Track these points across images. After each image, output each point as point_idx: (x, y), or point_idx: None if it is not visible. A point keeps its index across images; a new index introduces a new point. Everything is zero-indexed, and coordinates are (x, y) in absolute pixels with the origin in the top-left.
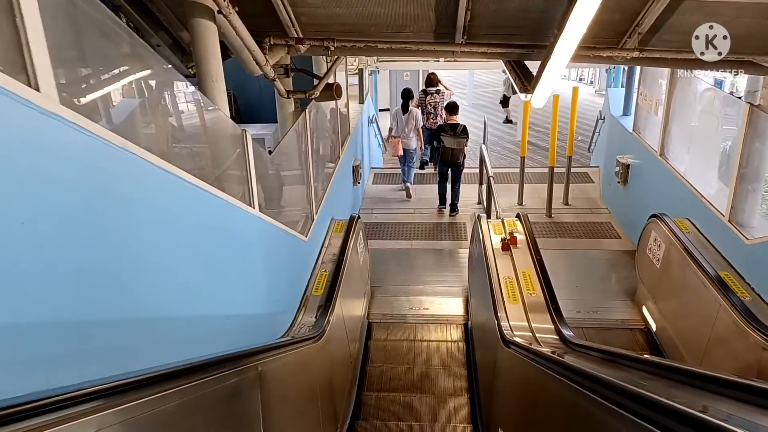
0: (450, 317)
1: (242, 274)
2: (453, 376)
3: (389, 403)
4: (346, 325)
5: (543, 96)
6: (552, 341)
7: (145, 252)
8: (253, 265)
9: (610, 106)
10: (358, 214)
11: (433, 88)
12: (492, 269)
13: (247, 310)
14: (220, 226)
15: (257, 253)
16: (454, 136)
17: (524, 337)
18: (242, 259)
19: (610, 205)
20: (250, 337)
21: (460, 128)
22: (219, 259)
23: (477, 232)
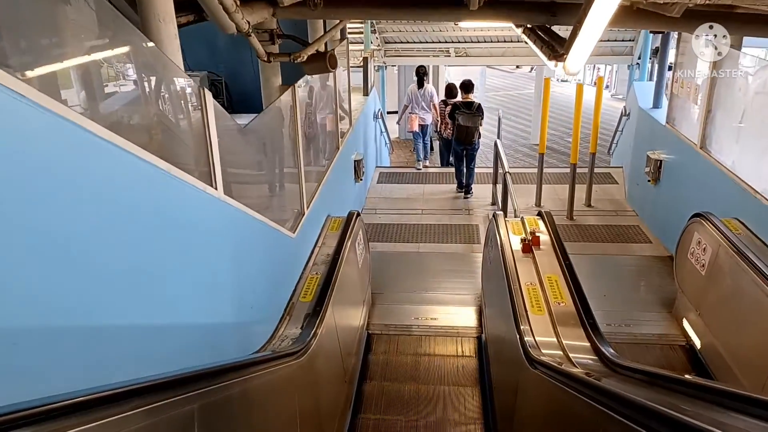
0: (461, 329)
1: (195, 272)
2: (464, 397)
3: (389, 428)
4: (339, 337)
5: (581, 57)
6: (590, 362)
7: (40, 236)
8: (212, 261)
9: (638, 99)
10: (357, 211)
11: (453, 99)
12: (511, 274)
13: (202, 318)
14: (162, 207)
15: (220, 247)
16: (469, 114)
17: (554, 356)
18: (196, 253)
19: (638, 207)
20: (206, 354)
21: (475, 106)
22: (157, 252)
23: (493, 233)
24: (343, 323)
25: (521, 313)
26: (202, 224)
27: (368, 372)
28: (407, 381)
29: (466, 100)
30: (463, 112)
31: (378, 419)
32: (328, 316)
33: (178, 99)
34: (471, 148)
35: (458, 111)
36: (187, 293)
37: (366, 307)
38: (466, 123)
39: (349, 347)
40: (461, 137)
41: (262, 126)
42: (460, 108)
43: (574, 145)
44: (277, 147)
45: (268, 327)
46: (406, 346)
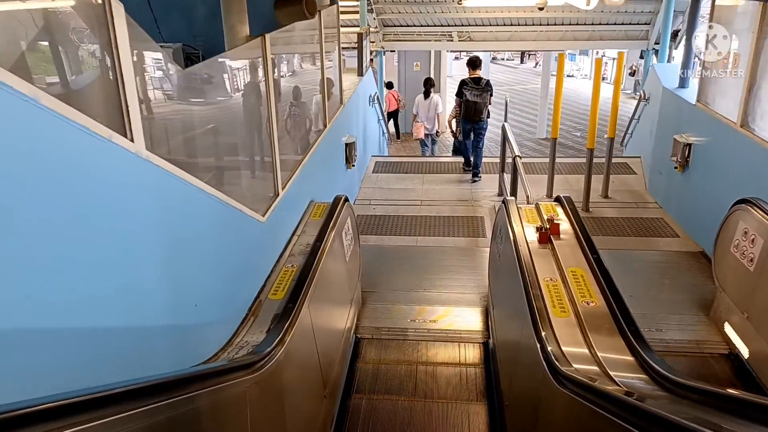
0: (464, 333)
1: (95, 256)
2: (468, 414)
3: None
4: (318, 343)
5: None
6: (636, 380)
7: None
8: (125, 242)
9: (661, 80)
10: (345, 196)
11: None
12: (527, 268)
13: (110, 320)
14: (40, 156)
15: (141, 224)
16: (477, 90)
17: (588, 372)
18: (97, 230)
19: (662, 198)
20: (119, 370)
21: (484, 82)
22: (33, 226)
23: (503, 222)
24: (324, 326)
25: (541, 314)
26: (107, 188)
27: (355, 383)
28: (401, 395)
29: (473, 76)
30: (471, 88)
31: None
32: (303, 316)
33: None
34: (479, 126)
35: (466, 87)
36: (84, 286)
37: (355, 307)
38: (474, 99)
39: (331, 354)
40: (469, 114)
41: (217, 75)
42: (468, 84)
43: (592, 128)
44: (242, 107)
45: (224, 331)
46: (401, 353)
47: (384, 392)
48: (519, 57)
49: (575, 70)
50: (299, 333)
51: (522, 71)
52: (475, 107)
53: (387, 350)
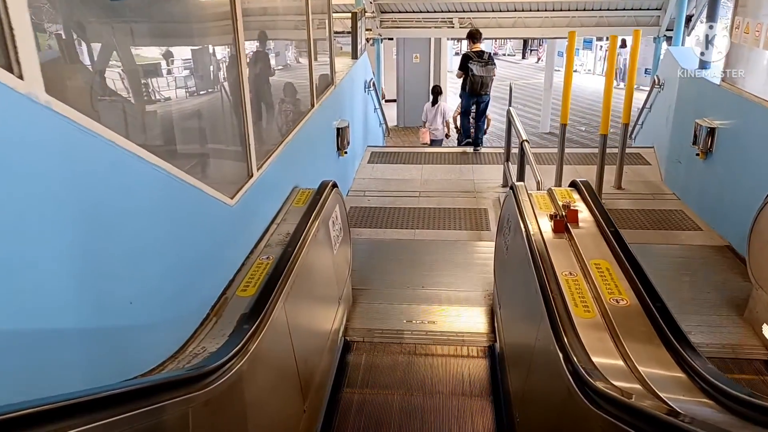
0: (467, 335)
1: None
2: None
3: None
4: (296, 347)
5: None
6: (698, 405)
7: None
8: (17, 214)
9: (679, 62)
10: (333, 181)
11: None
12: (542, 261)
13: None
14: None
15: (41, 192)
16: (482, 64)
17: (632, 391)
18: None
19: (680, 188)
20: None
21: (486, 55)
22: None
23: (511, 210)
24: (305, 327)
25: (561, 315)
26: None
27: (341, 395)
28: (395, 408)
29: (476, 50)
30: (476, 62)
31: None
32: (277, 316)
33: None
34: (482, 100)
35: (471, 61)
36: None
37: (344, 305)
38: (480, 73)
39: (313, 360)
40: (475, 88)
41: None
42: (472, 58)
43: (606, 111)
44: (206, 60)
45: (174, 335)
46: (396, 358)
47: (374, 406)
48: (521, 52)
49: (578, 65)
50: (271, 336)
51: (524, 67)
52: (481, 81)
53: (379, 355)
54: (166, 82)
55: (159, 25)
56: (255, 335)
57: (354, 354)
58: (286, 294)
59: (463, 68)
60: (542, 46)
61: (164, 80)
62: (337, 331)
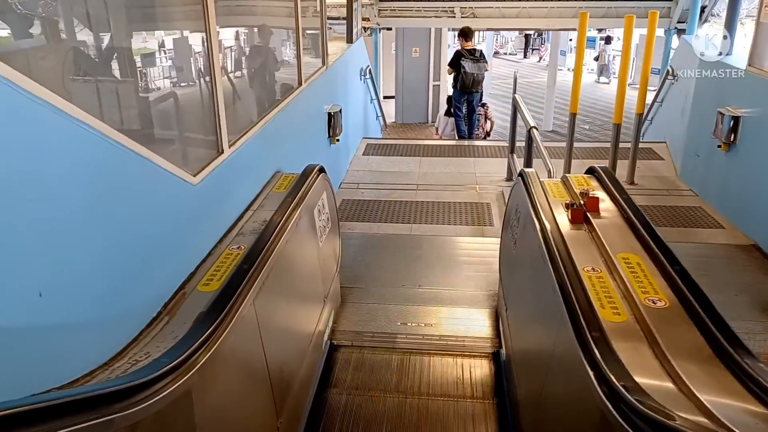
0: (468, 340)
1: None
2: None
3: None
4: (268, 353)
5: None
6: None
7: None
8: None
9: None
10: (320, 165)
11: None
12: (560, 255)
13: None
14: None
15: None
16: (474, 61)
17: (698, 425)
18: None
19: (698, 184)
20: None
21: (478, 52)
22: None
23: (520, 200)
24: (281, 328)
25: (586, 318)
26: None
27: (325, 405)
28: (384, 422)
29: (468, 48)
30: (468, 59)
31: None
32: (244, 316)
33: None
34: (472, 97)
35: (464, 59)
36: None
37: (330, 305)
38: (473, 70)
39: (291, 367)
40: (467, 85)
41: None
42: (464, 56)
43: (620, 98)
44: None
45: (111, 337)
46: (388, 366)
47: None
48: (522, 52)
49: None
50: (236, 339)
51: (525, 66)
52: (473, 78)
53: (369, 363)
54: (118, 29)
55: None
56: (212, 338)
57: (341, 361)
58: (257, 289)
59: (455, 65)
60: (544, 45)
61: (116, 27)
62: (322, 333)
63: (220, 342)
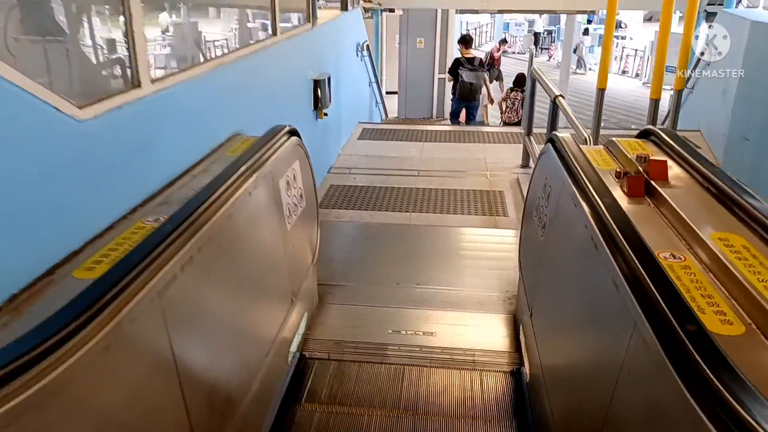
0: (480, 354)
1: None
2: None
3: None
4: (185, 377)
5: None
6: None
7: None
8: None
9: (744, 15)
10: (292, 128)
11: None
12: (622, 237)
13: None
14: None
15: None
16: (472, 70)
17: None
18: None
19: (746, 173)
20: None
21: (477, 61)
22: None
23: (551, 172)
24: (213, 338)
25: (679, 320)
26: None
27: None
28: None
29: (468, 56)
30: (466, 68)
31: None
32: (139, 317)
33: None
34: (471, 105)
35: (462, 67)
36: None
37: (301, 306)
38: (470, 79)
39: (228, 396)
40: (465, 93)
41: None
42: (463, 64)
43: (659, 70)
44: None
45: None
46: (376, 386)
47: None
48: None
49: (593, 64)
50: (118, 351)
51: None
52: (471, 87)
53: (351, 383)
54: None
55: None
56: (61, 350)
57: (312, 381)
58: (167, 279)
59: (453, 73)
60: (554, 44)
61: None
62: (288, 342)
63: (82, 355)
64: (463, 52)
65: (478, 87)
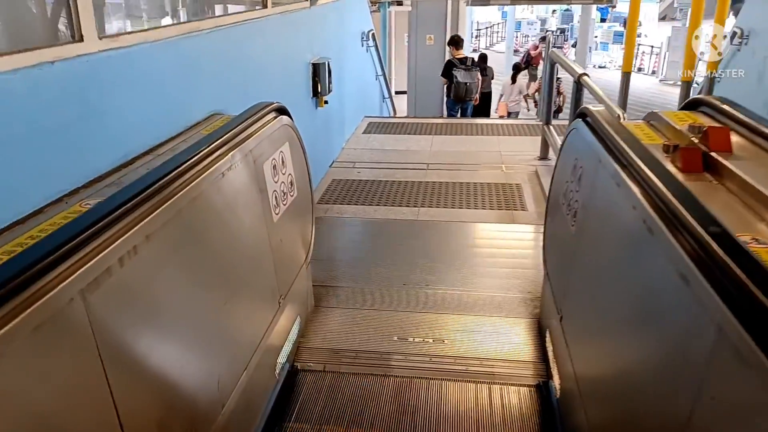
0: (499, 365)
1: None
2: None
3: None
4: (120, 397)
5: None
6: None
7: None
8: None
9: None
10: (280, 104)
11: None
12: (690, 217)
13: None
14: None
15: None
16: (466, 69)
17: None
18: None
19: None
20: None
21: (470, 61)
22: None
23: (583, 152)
24: (170, 346)
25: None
26: None
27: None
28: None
29: (459, 57)
30: (460, 68)
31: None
32: (50, 325)
33: None
34: (467, 105)
35: (455, 68)
36: None
37: (292, 310)
38: (464, 79)
39: (191, 418)
40: (460, 94)
41: None
42: (456, 65)
43: (690, 50)
44: None
45: None
46: (377, 404)
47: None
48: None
49: (608, 62)
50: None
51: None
52: (466, 87)
53: (347, 399)
54: None
55: None
56: None
57: (303, 396)
58: (97, 273)
59: (447, 75)
60: (566, 43)
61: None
62: (276, 350)
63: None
64: (454, 53)
65: (473, 86)
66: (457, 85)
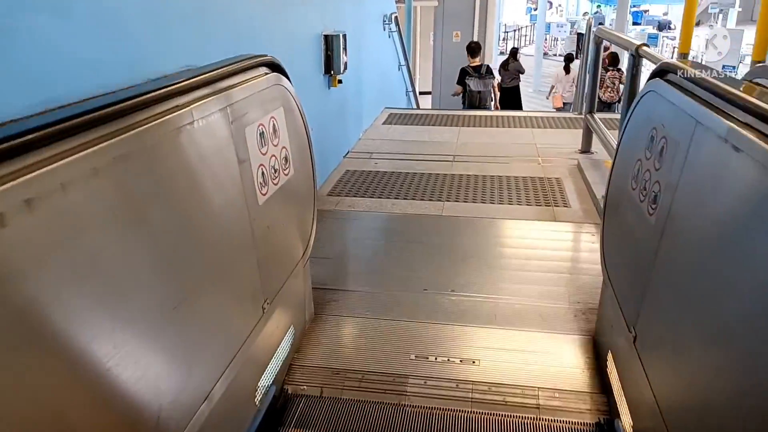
0: (546, 395)
1: None
2: None
3: None
4: None
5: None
6: None
7: None
8: None
9: None
10: (272, 58)
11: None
12: None
13: None
14: None
15: None
16: (479, 78)
17: None
18: None
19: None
20: None
21: (484, 68)
22: None
23: (666, 118)
24: (87, 372)
25: None
26: None
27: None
28: None
29: (474, 65)
30: (473, 77)
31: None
32: None
33: None
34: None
35: (469, 77)
36: None
37: (283, 318)
38: (477, 87)
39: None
40: (473, 102)
41: None
42: (469, 73)
43: (763, 28)
44: None
45: None
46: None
47: None
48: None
49: None
50: None
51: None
52: (479, 96)
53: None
54: None
55: None
56: None
57: (292, 429)
58: None
59: (461, 83)
60: None
61: None
62: (255, 372)
63: None
64: (470, 61)
65: (486, 95)
66: (470, 93)
